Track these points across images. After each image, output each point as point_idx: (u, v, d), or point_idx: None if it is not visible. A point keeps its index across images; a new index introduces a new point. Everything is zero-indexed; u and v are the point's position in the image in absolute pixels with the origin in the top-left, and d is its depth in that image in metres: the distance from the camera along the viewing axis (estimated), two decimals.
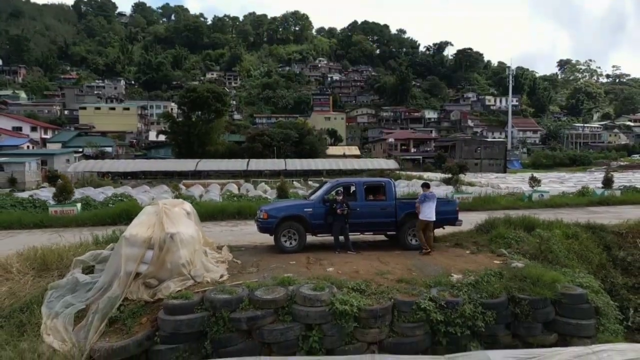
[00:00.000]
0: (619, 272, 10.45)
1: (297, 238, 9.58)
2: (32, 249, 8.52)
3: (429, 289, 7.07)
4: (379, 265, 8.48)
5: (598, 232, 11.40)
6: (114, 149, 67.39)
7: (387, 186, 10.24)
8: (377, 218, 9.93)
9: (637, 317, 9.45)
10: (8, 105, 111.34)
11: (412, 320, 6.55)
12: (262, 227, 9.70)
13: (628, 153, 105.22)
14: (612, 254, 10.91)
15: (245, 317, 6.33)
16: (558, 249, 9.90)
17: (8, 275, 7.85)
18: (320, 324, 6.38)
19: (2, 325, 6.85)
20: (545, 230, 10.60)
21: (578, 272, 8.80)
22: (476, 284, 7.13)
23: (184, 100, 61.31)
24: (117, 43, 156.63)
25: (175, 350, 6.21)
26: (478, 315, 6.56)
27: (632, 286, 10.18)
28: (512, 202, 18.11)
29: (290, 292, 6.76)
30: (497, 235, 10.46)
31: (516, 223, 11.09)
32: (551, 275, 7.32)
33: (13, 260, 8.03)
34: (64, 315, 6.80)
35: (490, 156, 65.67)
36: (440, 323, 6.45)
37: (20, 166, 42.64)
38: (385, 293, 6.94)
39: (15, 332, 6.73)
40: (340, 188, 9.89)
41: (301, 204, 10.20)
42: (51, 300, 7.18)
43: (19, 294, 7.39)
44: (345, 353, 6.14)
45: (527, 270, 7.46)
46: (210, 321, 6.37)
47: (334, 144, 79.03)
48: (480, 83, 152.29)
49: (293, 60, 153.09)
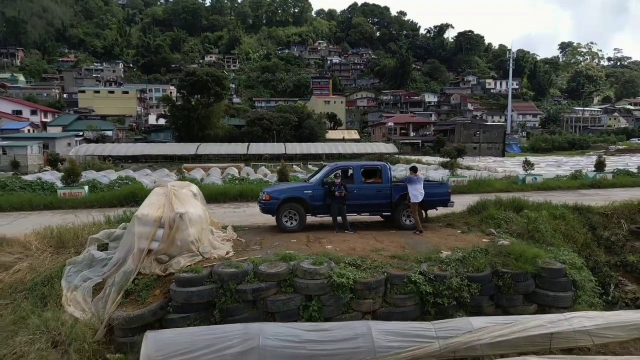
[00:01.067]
0: (603, 250, 11.04)
1: (297, 219, 10.14)
2: (48, 228, 9.07)
3: (419, 264, 7.65)
4: (374, 244, 9.05)
5: (585, 214, 11.96)
6: (115, 133, 67.67)
7: (383, 170, 10.77)
8: (374, 200, 10.48)
9: (617, 293, 10.07)
10: (7, 89, 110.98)
11: (403, 292, 7.14)
12: (265, 209, 10.26)
13: (627, 137, 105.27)
14: (597, 234, 11.49)
15: (251, 289, 6.92)
16: (545, 229, 10.47)
17: (28, 252, 8.42)
18: (320, 295, 6.98)
19: (26, 297, 7.45)
20: (533, 212, 11.16)
21: (563, 250, 9.37)
22: (463, 260, 7.72)
23: (184, 84, 61.35)
24: (115, 26, 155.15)
25: (187, 318, 6.81)
26: (464, 287, 7.15)
27: (614, 264, 10.78)
28: (506, 186, 18.65)
29: (292, 266, 7.34)
30: (487, 216, 11.01)
31: (506, 205, 11.64)
32: (533, 251, 7.90)
33: (32, 239, 8.60)
34: (83, 289, 7.39)
35: (489, 140, 65.99)
36: (430, 295, 7.04)
37: (22, 150, 43.09)
38: (380, 268, 7.52)
39: (39, 303, 7.32)
40: (339, 171, 10.41)
41: (302, 187, 10.73)
42: (70, 274, 7.76)
43: (39, 270, 7.97)
44: (342, 321, 6.74)
45: (512, 248, 8.03)
46: (219, 293, 6.96)
47: (334, 128, 79.23)
48: (481, 66, 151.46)
49: (292, 43, 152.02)
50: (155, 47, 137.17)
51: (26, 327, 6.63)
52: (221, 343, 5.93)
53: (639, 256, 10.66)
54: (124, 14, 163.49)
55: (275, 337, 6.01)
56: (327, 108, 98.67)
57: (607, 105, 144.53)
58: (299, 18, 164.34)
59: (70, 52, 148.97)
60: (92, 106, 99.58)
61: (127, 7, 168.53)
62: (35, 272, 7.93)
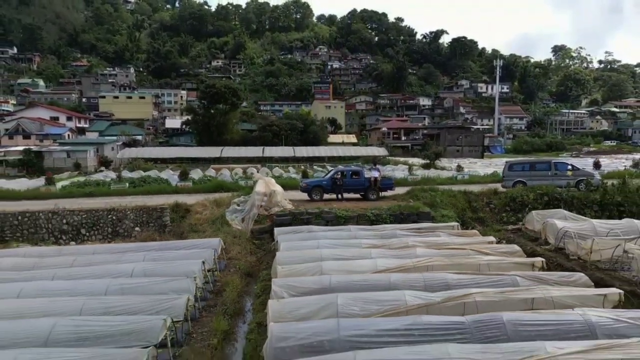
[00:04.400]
0: (471, 211, 22.61)
1: (320, 194, 21.73)
2: (208, 199, 20.69)
3: (371, 210, 19.25)
4: (355, 205, 20.62)
5: (467, 194, 23.52)
6: (143, 137, 79.12)
7: (360, 172, 22.43)
8: (356, 186, 22.11)
9: (469, 227, 21.60)
10: (30, 93, 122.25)
11: (364, 220, 18.69)
12: (303, 190, 21.88)
13: (605, 139, 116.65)
14: (471, 204, 23.06)
15: (305, 218, 18.47)
16: (440, 200, 22.00)
17: (205, 208, 20.02)
18: (330, 220, 18.52)
19: (213, 223, 19.02)
20: (437, 193, 22.74)
21: (446, 212, 20.88)
22: (389, 209, 19.31)
23: (205, 95, 72.89)
24: (125, 31, 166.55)
25: (281, 230, 18.33)
26: (387, 218, 18.71)
27: (475, 218, 22.31)
28: (444, 180, 30.15)
29: (320, 211, 18.91)
30: (413, 195, 22.59)
31: (424, 189, 23.24)
32: (418, 206, 19.49)
33: (206, 202, 20.22)
34: (237, 218, 18.99)
35: (470, 144, 77.54)
36: (374, 219, 18.60)
37: (83, 153, 54.37)
38: (355, 212, 19.10)
39: (219, 226, 18.87)
40: (339, 172, 22.03)
41: (321, 179, 22.41)
42: (228, 214, 19.36)
43: (214, 213, 19.57)
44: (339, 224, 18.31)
45: (412, 205, 19.63)
46: (292, 219, 18.50)
47: (334, 132, 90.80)
48: (474, 70, 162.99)
49: (294, 48, 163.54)
50: (164, 52, 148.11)
51: (221, 232, 18.20)
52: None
53: (485, 214, 22.27)
54: (132, 20, 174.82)
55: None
56: (328, 112, 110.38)
57: (594, 108, 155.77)
58: (300, 23, 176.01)
59: (83, 57, 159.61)
60: (111, 110, 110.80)
61: (135, 12, 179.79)
62: (212, 214, 19.53)
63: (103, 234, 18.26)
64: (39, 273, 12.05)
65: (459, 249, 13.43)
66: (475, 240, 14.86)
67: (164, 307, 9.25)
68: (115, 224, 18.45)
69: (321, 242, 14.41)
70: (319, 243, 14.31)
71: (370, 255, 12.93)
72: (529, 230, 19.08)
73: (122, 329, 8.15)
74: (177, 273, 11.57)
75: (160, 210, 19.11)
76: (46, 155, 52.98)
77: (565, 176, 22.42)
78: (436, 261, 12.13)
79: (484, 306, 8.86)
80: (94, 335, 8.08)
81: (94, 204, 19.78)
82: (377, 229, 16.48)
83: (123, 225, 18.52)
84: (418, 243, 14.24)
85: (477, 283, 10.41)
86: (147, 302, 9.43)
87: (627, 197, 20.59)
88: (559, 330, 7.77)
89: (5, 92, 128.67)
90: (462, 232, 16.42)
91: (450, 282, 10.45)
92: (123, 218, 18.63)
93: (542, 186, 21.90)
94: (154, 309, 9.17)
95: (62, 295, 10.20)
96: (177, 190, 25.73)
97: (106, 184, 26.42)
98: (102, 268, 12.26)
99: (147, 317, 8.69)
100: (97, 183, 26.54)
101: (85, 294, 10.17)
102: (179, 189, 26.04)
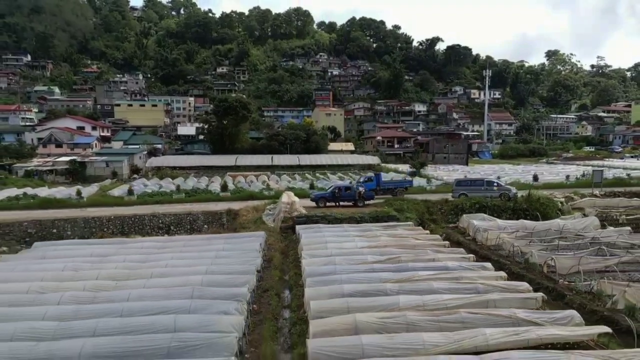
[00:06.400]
0: (428, 214, 33.27)
1: (324, 203, 32.44)
2: (249, 205, 31.43)
3: (358, 214, 29.94)
4: (347, 210, 31.31)
5: (426, 202, 34.18)
6: (163, 146, 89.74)
7: (352, 187, 33.16)
8: (348, 197, 32.82)
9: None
10: (47, 101, 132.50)
11: (352, 221, 29.34)
12: (312, 199, 32.65)
13: (587, 144, 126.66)
14: (429, 209, 33.73)
15: (315, 219, 29.10)
16: (407, 207, 32.67)
17: (248, 212, 30.72)
18: (331, 220, 29.18)
19: (255, 222, 29.73)
20: (405, 201, 33.43)
21: (409, 214, 31.52)
22: (369, 213, 30.01)
23: (218, 109, 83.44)
24: (132, 38, 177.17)
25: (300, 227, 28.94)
26: (368, 219, 29.36)
27: (430, 219, 32.96)
28: (416, 190, 40.68)
29: (324, 214, 29.59)
30: (389, 203, 33.29)
31: (397, 198, 33.94)
32: (389, 210, 30.17)
33: (248, 208, 30.97)
34: (270, 219, 29.68)
35: (456, 151, 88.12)
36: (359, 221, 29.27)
37: (119, 163, 64.88)
38: (347, 215, 29.77)
39: (259, 225, 29.54)
40: (337, 188, 32.77)
41: (324, 193, 33.27)
42: (264, 216, 30.08)
43: (254, 216, 30.30)
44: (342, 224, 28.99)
45: (385, 210, 30.34)
46: (306, 219, 29.13)
47: (334, 139, 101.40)
48: (468, 77, 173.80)
49: (296, 55, 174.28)
50: (172, 60, 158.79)
51: (260, 228, 28.87)
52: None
53: (437, 216, 32.97)
54: (139, 27, 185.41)
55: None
56: (328, 119, 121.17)
57: (582, 113, 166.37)
58: (301, 30, 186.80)
59: (93, 63, 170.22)
60: (126, 117, 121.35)
61: (142, 19, 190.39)
62: (253, 216, 30.25)
63: (185, 230, 28.87)
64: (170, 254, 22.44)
65: (404, 237, 24.14)
66: (415, 231, 25.66)
67: (251, 264, 19.80)
68: (192, 223, 29.10)
69: (325, 234, 25.02)
70: (324, 234, 24.94)
71: (354, 241, 23.57)
72: (461, 227, 29.79)
73: (234, 274, 18.60)
74: (248, 249, 22.20)
75: (220, 214, 29.80)
76: (88, 165, 63.55)
77: (492, 190, 33.12)
78: (390, 243, 22.77)
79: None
80: (218, 280, 18.40)
81: (174, 209, 30.47)
82: (360, 226, 27.17)
83: (197, 224, 29.17)
84: (383, 234, 24.91)
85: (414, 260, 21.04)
86: (242, 264, 19.98)
87: (530, 204, 31.30)
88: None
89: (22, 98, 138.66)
90: (411, 228, 27.14)
91: (399, 255, 21.04)
92: (196, 219, 29.30)
93: (476, 197, 32.61)
94: (247, 264, 19.74)
95: (192, 262, 20.58)
96: (220, 198, 36.40)
97: (167, 194, 37.11)
98: (204, 248, 22.84)
99: (245, 267, 19.24)
100: (161, 193, 37.22)
101: (205, 263, 20.56)
102: (222, 198, 36.72)
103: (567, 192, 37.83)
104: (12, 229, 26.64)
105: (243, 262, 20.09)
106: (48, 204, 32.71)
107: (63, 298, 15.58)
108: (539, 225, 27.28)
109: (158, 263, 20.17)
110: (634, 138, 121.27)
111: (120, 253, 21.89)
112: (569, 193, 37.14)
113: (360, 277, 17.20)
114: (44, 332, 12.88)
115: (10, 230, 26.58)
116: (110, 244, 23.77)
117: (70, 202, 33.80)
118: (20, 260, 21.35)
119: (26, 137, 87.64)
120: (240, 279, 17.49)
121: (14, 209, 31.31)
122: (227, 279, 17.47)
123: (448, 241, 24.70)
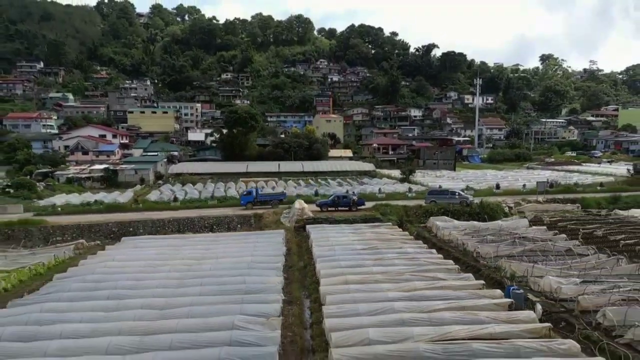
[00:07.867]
0: (406, 216, 44.21)
1: (327, 208, 43.41)
2: (270, 210, 42.41)
3: (352, 217, 40.91)
4: (344, 214, 42.26)
5: (405, 207, 45.10)
6: (179, 153, 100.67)
7: (348, 195, 44.19)
8: (345, 204, 43.82)
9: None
10: (62, 107, 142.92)
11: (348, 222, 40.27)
12: (318, 205, 43.64)
13: (572, 148, 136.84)
14: (407, 213, 44.67)
15: (321, 220, 40.05)
16: (390, 211, 43.60)
17: (269, 215, 41.70)
18: (332, 222, 40.10)
19: (275, 222, 40.68)
20: (388, 206, 44.39)
21: (391, 217, 42.43)
22: (360, 216, 40.96)
23: (229, 120, 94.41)
24: (140, 44, 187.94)
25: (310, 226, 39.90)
26: (359, 221, 40.29)
27: (407, 221, 43.85)
28: (400, 196, 51.46)
29: (327, 217, 40.53)
30: (376, 208, 44.22)
31: (383, 205, 44.94)
32: (375, 214, 41.11)
33: (270, 212, 41.96)
34: (286, 220, 40.69)
35: (445, 158, 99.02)
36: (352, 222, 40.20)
37: (146, 170, 75.72)
38: (344, 217, 40.72)
39: (278, 225, 40.47)
40: (336, 197, 43.79)
41: (327, 200, 44.29)
42: (281, 218, 41.06)
43: (275, 218, 41.27)
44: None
45: (372, 214, 41.30)
46: (314, 221, 40.08)
47: (334, 146, 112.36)
48: (462, 82, 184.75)
49: (297, 61, 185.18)
50: (179, 67, 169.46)
51: (280, 228, 39.85)
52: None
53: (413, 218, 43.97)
54: (146, 33, 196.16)
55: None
56: (328, 126, 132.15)
57: (571, 117, 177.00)
58: (302, 37, 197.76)
59: (102, 69, 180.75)
60: (138, 124, 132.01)
61: (149, 26, 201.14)
62: (273, 219, 41.25)
63: (224, 228, 39.73)
64: (222, 245, 33.28)
65: (383, 233, 35.14)
66: (392, 229, 36.69)
67: (279, 250, 30.69)
68: (228, 224, 40.00)
69: (328, 232, 35.92)
70: (327, 231, 35.84)
71: (348, 236, 34.46)
72: (429, 227, 40.71)
73: (270, 256, 29.47)
74: (275, 241, 33.16)
75: (248, 217, 40.77)
76: (119, 172, 74.43)
77: (455, 198, 44.07)
78: (372, 237, 33.67)
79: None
80: (261, 259, 29.25)
81: (214, 213, 41.41)
82: (353, 226, 38.08)
83: (232, 224, 40.09)
84: (369, 231, 35.84)
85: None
86: (273, 250, 30.88)
87: (483, 209, 42.27)
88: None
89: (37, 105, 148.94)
90: (390, 227, 38.09)
91: (377, 245, 31.92)
92: (232, 220, 40.22)
93: (443, 204, 43.57)
94: (276, 250, 30.65)
95: (241, 249, 31.43)
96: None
97: (203, 200, 48.04)
98: (244, 240, 33.77)
99: (276, 252, 30.12)
100: (199, 200, 48.20)
101: (249, 248, 31.39)
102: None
103: (518, 198, 48.81)
104: (101, 228, 37.61)
105: (273, 249, 31.07)
106: (114, 209, 43.66)
107: (171, 269, 26.55)
108: (483, 225, 38.26)
109: (217, 249, 31.23)
110: (615, 143, 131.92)
111: (188, 244, 32.89)
112: (519, 199, 48.14)
113: (350, 258, 28.19)
114: (168, 290, 23.84)
115: (99, 228, 37.55)
116: (177, 238, 34.81)
117: (130, 207, 44.75)
118: (121, 249, 32.27)
119: (53, 145, 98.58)
120: (274, 259, 28.50)
121: (91, 212, 42.27)
122: (266, 258, 28.51)
123: (421, 238, 35.67)
